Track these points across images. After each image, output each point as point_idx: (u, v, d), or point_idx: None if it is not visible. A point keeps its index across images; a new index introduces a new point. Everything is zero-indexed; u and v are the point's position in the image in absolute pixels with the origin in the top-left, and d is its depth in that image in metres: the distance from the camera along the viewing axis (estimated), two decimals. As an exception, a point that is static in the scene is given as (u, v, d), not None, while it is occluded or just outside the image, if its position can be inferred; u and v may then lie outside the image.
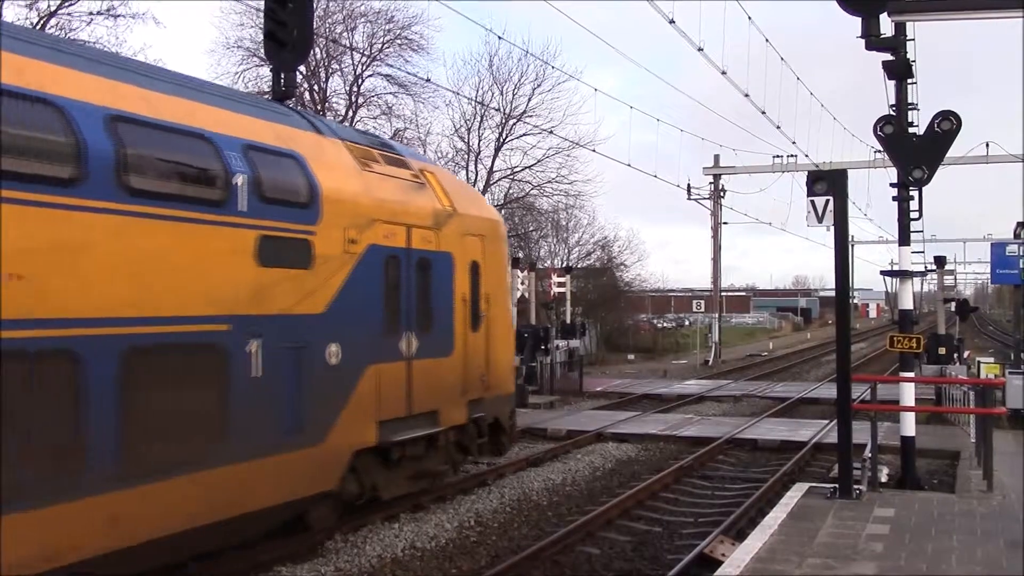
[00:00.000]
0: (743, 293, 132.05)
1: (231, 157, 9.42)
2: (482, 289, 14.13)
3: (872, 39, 12.94)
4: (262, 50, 20.80)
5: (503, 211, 38.66)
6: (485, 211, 15.28)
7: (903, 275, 13.92)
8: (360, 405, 11.18)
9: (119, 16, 27.12)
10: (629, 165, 35.69)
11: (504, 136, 41.71)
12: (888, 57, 13.35)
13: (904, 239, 13.86)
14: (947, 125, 12.96)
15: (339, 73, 37.49)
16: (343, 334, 10.80)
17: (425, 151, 36.14)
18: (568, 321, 33.49)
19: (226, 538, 9.68)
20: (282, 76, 13.49)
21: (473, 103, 40.37)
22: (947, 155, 13.59)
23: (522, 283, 29.11)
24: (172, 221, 8.61)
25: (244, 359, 9.36)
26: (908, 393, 13.64)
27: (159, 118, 8.85)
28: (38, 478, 7.26)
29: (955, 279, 52.21)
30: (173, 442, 8.55)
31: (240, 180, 9.42)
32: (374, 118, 37.17)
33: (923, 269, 26.87)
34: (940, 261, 29.99)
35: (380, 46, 37.06)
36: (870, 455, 12.60)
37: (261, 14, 14.61)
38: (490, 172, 40.62)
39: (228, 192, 9.27)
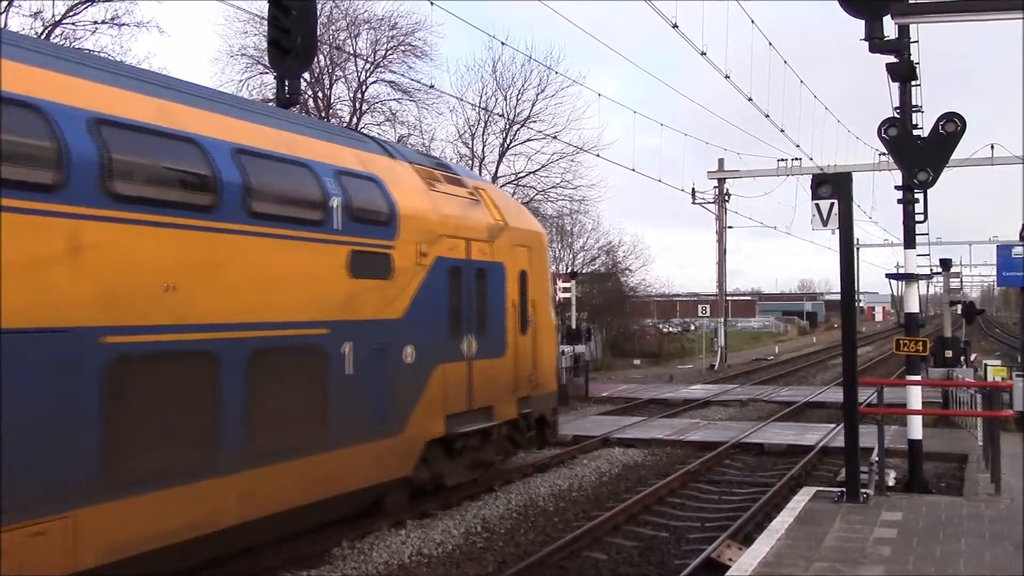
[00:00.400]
0: (748, 297, 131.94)
1: (327, 182, 10.83)
2: (529, 296, 15.51)
3: (876, 41, 12.93)
4: (266, 58, 20.84)
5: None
6: (530, 224, 16.66)
7: (909, 278, 13.90)
8: (431, 400, 12.57)
9: (123, 25, 27.24)
10: (633, 170, 35.73)
11: (508, 142, 41.75)
12: (892, 59, 13.34)
13: (909, 242, 13.84)
14: (952, 127, 12.93)
15: (343, 80, 37.57)
16: (417, 337, 12.21)
17: (429, 157, 36.12)
18: (573, 326, 33.48)
19: (322, 516, 11.12)
20: (286, 83, 13.55)
21: (477, 109, 40.44)
22: (952, 157, 13.56)
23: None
24: (285, 240, 10.01)
25: (340, 359, 10.78)
26: (915, 396, 13.61)
27: (271, 150, 10.30)
28: (186, 459, 8.70)
29: (961, 282, 52.16)
30: (287, 431, 9.91)
31: (335, 202, 10.83)
32: (378, 124, 37.24)
33: (929, 272, 26.88)
34: (946, 264, 29.95)
35: (384, 52, 37.15)
36: (877, 459, 12.55)
37: (265, 22, 14.64)
38: (495, 178, 40.63)
39: (326, 213, 10.67)
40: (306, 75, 31.64)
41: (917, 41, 13.93)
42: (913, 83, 13.87)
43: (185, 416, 8.69)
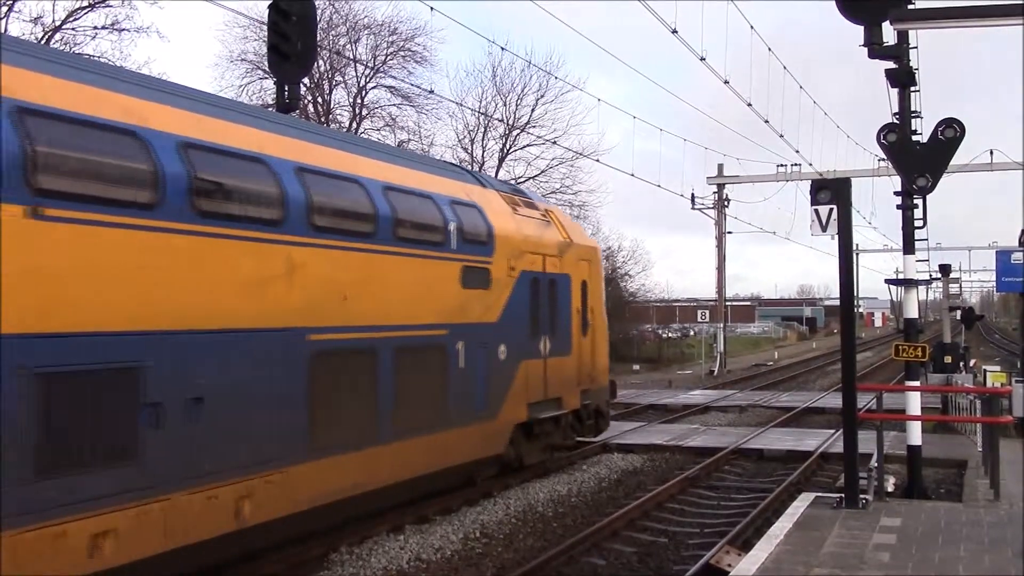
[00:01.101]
0: (748, 303, 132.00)
1: (446, 210, 13.41)
2: (588, 302, 17.92)
3: (875, 47, 12.95)
4: (266, 63, 20.86)
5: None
6: (589, 240, 19.47)
7: (908, 284, 13.89)
8: (517, 390, 15.02)
9: (123, 30, 27.28)
10: (633, 175, 35.82)
11: (508, 147, 41.86)
12: (891, 65, 13.36)
13: (909, 247, 13.83)
14: (951, 133, 12.94)
15: (343, 85, 37.67)
16: (508, 338, 14.70)
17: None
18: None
19: (437, 484, 13.65)
20: (286, 88, 13.55)
21: (476, 114, 40.52)
22: (951, 163, 13.57)
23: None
24: (419, 258, 12.60)
25: (456, 355, 13.31)
26: (914, 402, 13.59)
27: (409, 186, 12.90)
28: (358, 430, 11.31)
29: (960, 287, 52.17)
30: (420, 412, 12.45)
31: (452, 226, 13.40)
32: (378, 130, 37.32)
33: (928, 277, 26.85)
34: (945, 269, 29.92)
35: (383, 58, 37.27)
36: (876, 464, 12.54)
37: (265, 27, 14.65)
38: (494, 183, 40.67)
39: (446, 236, 13.22)
40: (306, 80, 31.70)
41: (916, 47, 13.96)
42: (912, 89, 13.87)
43: (356, 397, 11.30)
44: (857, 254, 59.04)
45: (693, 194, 46.11)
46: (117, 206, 8.14)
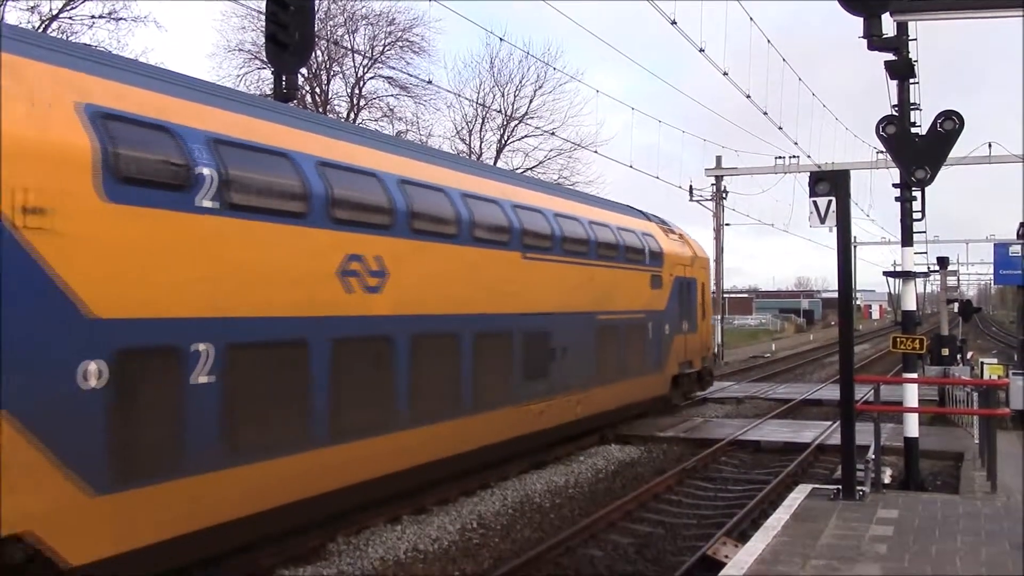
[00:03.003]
0: (746, 295, 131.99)
1: (642, 239, 21.01)
2: (704, 297, 25.99)
3: (874, 39, 12.92)
4: (264, 53, 20.80)
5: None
6: (703, 253, 26.84)
7: (906, 276, 13.89)
8: (674, 354, 22.82)
9: (121, 19, 27.20)
10: (631, 167, 35.76)
11: (506, 138, 41.78)
12: (890, 57, 13.33)
13: (907, 240, 13.83)
14: (950, 125, 12.93)
15: (341, 75, 37.57)
16: (669, 319, 22.30)
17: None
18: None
19: (630, 413, 20.79)
20: (284, 79, 13.51)
21: (474, 105, 40.46)
22: (950, 155, 13.56)
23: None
24: (635, 271, 20.22)
25: (648, 330, 20.94)
26: (911, 394, 13.61)
27: (627, 225, 20.62)
28: (615, 373, 18.55)
29: (958, 280, 52.18)
30: (634, 363, 20.08)
31: (646, 250, 20.99)
32: (376, 120, 37.23)
33: (926, 270, 26.85)
34: (943, 262, 29.95)
35: (381, 48, 37.16)
36: (873, 456, 12.56)
37: (263, 17, 14.61)
38: (492, 174, 40.60)
39: (644, 256, 20.79)
40: (304, 70, 31.61)
41: (916, 39, 13.93)
42: (911, 81, 13.86)
43: (614, 352, 18.94)
44: (855, 246, 59.04)
45: (691, 186, 46.09)
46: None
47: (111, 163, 8.25)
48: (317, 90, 36.44)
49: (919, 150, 13.13)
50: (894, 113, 13.56)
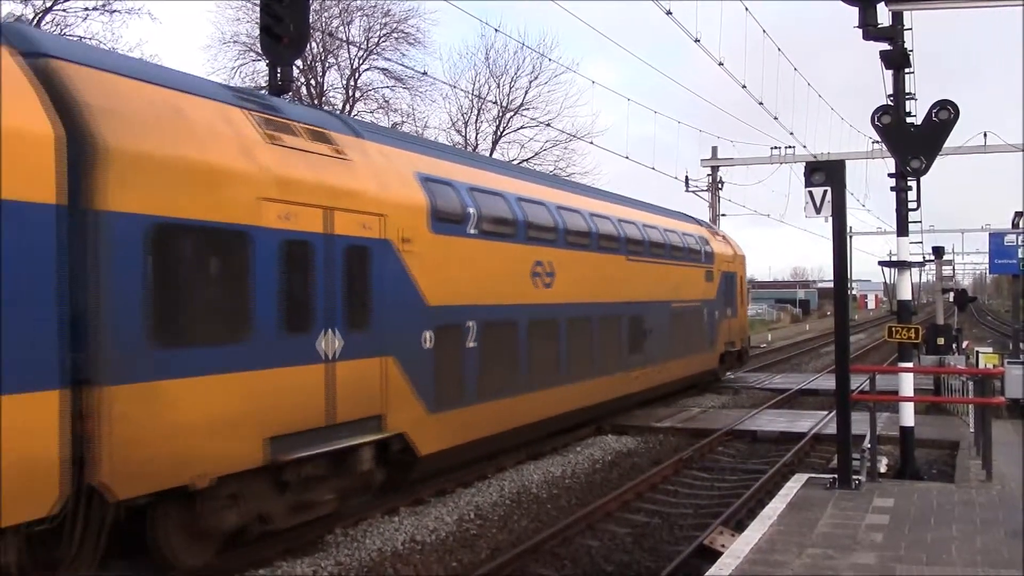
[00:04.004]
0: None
1: (699, 240, 25.87)
2: (742, 288, 30.92)
3: (869, 29, 12.92)
4: (258, 45, 20.74)
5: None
6: (741, 251, 31.16)
7: (901, 266, 13.92)
8: (721, 335, 27.53)
9: (115, 11, 27.09)
10: (627, 158, 35.75)
11: (501, 129, 41.71)
12: (885, 47, 13.33)
13: (902, 229, 13.86)
14: (945, 115, 12.94)
15: (336, 67, 37.45)
16: (718, 306, 26.97)
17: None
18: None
19: (685, 384, 25.01)
20: (279, 70, 13.47)
21: (470, 96, 40.39)
22: (945, 145, 13.57)
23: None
24: (696, 268, 25.24)
25: (703, 314, 25.52)
26: (907, 383, 13.65)
27: (690, 231, 25.79)
28: (682, 349, 23.90)
29: (953, 269, 52.14)
30: (692, 342, 24.85)
31: (704, 249, 26.03)
32: (371, 112, 37.14)
33: (921, 260, 26.91)
34: (938, 251, 29.98)
35: (377, 40, 37.04)
36: (869, 445, 12.60)
37: (257, 9, 14.57)
38: (488, 166, 40.52)
39: (701, 255, 25.64)
40: (298, 62, 31.50)
41: (911, 29, 13.92)
42: (907, 71, 13.86)
43: (680, 332, 23.47)
44: (851, 236, 59.10)
45: (687, 177, 45.96)
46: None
47: (433, 209, 12.99)
48: (312, 82, 36.36)
49: (914, 140, 13.14)
50: (889, 103, 13.57)
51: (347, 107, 36.04)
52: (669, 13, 20.70)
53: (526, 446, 16.53)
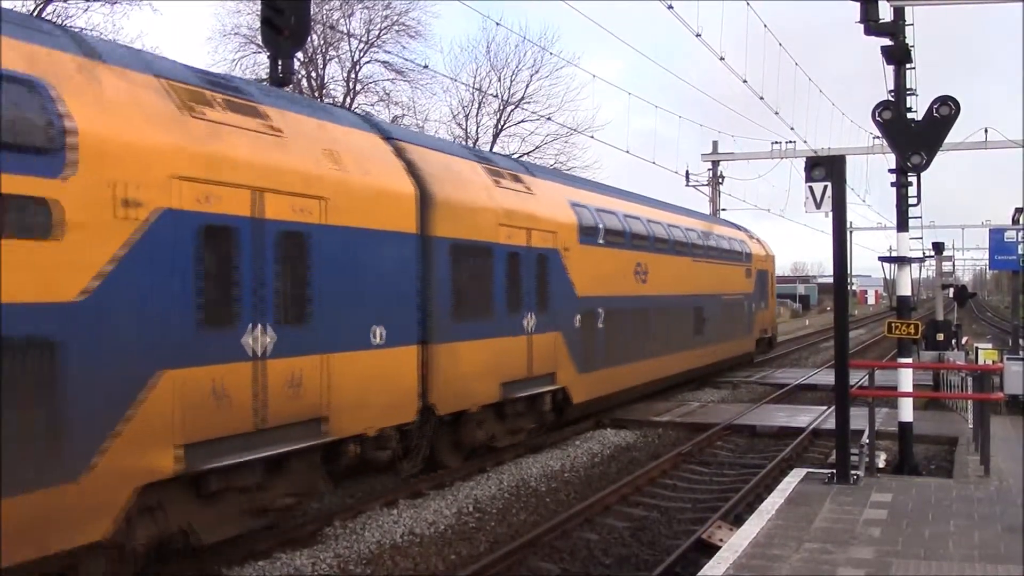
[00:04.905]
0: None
1: (742, 244, 31.62)
2: (771, 284, 35.71)
3: (871, 24, 12.91)
4: (259, 37, 20.70)
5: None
6: (771, 251, 36.25)
7: (901, 261, 13.92)
8: (757, 323, 32.84)
9: (116, 3, 27.04)
10: (628, 152, 35.76)
11: (502, 122, 41.67)
12: (887, 42, 13.31)
13: (902, 225, 13.85)
14: (945, 110, 12.93)
15: (337, 59, 37.40)
16: (755, 299, 32.26)
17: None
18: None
19: (727, 364, 29.61)
20: (279, 63, 13.44)
21: (471, 89, 40.34)
22: (946, 141, 13.56)
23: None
24: (739, 266, 30.56)
25: (743, 305, 30.95)
26: (906, 379, 13.66)
27: (733, 236, 31.58)
28: (727, 334, 29.05)
29: (953, 265, 52.18)
30: (735, 329, 29.99)
31: (744, 250, 31.57)
32: (372, 105, 37.09)
33: (921, 255, 26.96)
34: (938, 247, 30.01)
35: (378, 32, 36.98)
36: (868, 441, 12.62)
37: (258, 1, 14.54)
38: (488, 159, 40.46)
39: (744, 256, 31.36)
40: (300, 55, 31.45)
41: (912, 24, 13.91)
42: (908, 66, 13.85)
43: (727, 322, 28.61)
44: (851, 232, 59.05)
45: (688, 171, 45.94)
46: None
47: (580, 226, 18.10)
48: (313, 75, 36.31)
49: (915, 135, 13.13)
50: (890, 98, 13.55)
51: (347, 100, 36.00)
52: (671, 7, 20.68)
53: (609, 411, 20.47)
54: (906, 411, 13.62)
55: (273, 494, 10.21)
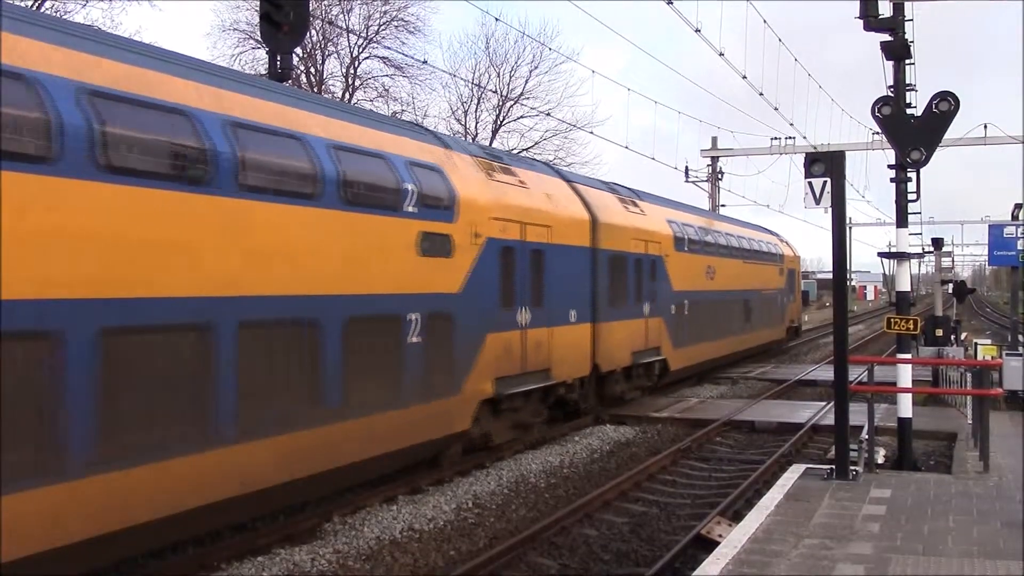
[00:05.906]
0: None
1: (776, 247, 36.79)
2: (797, 280, 39.86)
3: (870, 20, 12.90)
4: (258, 33, 20.69)
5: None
6: (798, 252, 40.74)
7: (900, 257, 13.92)
8: (787, 314, 37.99)
9: (114, -1, 26.96)
10: (627, 148, 35.84)
11: (501, 118, 41.66)
12: (886, 38, 13.30)
13: (902, 221, 13.84)
14: (945, 106, 12.92)
15: (335, 55, 37.38)
16: (784, 294, 37.02)
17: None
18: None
19: (751, 353, 32.43)
20: (278, 58, 13.45)
21: (470, 85, 40.32)
22: (945, 136, 13.55)
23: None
24: (769, 265, 34.94)
25: (777, 300, 35.88)
26: (905, 375, 13.66)
27: (761, 239, 35.20)
28: (760, 325, 33.45)
29: (953, 261, 52.23)
30: (766, 320, 33.83)
31: (778, 252, 36.65)
32: (371, 100, 37.07)
33: (921, 251, 26.89)
34: (938, 243, 29.96)
35: (377, 28, 36.99)
36: (867, 436, 12.62)
37: (257, -4, 14.53)
38: (488, 155, 40.43)
39: (775, 256, 35.87)
40: (298, 50, 31.41)
41: (912, 20, 13.89)
42: (907, 62, 13.83)
43: (759, 314, 32.65)
44: (850, 227, 59.04)
45: (687, 167, 45.95)
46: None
47: (674, 237, 23.39)
48: (312, 70, 36.29)
49: (914, 131, 13.13)
50: (890, 94, 13.54)
51: (346, 95, 35.97)
52: (670, 3, 20.64)
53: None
54: (905, 407, 13.62)
55: (523, 415, 16.13)
